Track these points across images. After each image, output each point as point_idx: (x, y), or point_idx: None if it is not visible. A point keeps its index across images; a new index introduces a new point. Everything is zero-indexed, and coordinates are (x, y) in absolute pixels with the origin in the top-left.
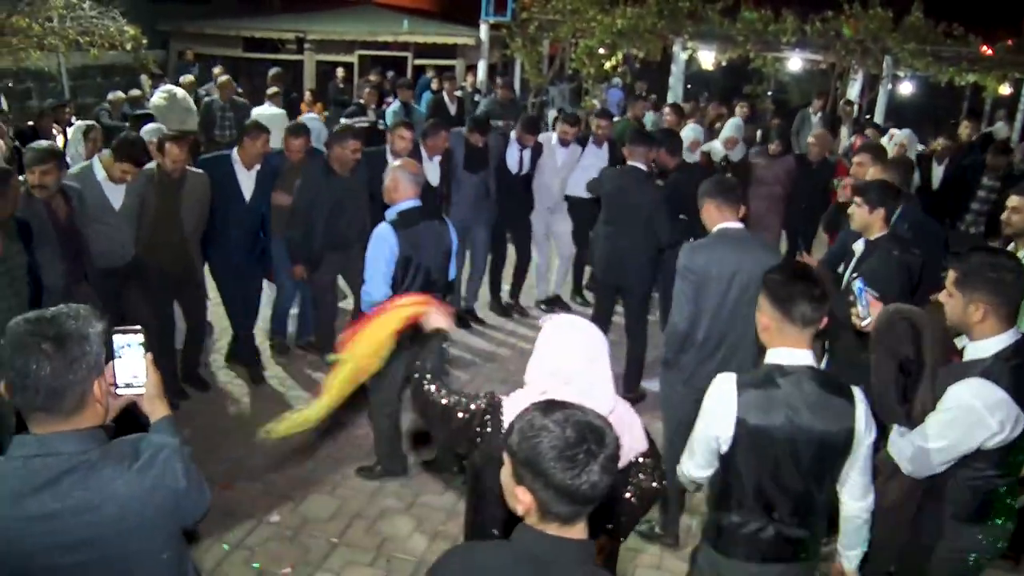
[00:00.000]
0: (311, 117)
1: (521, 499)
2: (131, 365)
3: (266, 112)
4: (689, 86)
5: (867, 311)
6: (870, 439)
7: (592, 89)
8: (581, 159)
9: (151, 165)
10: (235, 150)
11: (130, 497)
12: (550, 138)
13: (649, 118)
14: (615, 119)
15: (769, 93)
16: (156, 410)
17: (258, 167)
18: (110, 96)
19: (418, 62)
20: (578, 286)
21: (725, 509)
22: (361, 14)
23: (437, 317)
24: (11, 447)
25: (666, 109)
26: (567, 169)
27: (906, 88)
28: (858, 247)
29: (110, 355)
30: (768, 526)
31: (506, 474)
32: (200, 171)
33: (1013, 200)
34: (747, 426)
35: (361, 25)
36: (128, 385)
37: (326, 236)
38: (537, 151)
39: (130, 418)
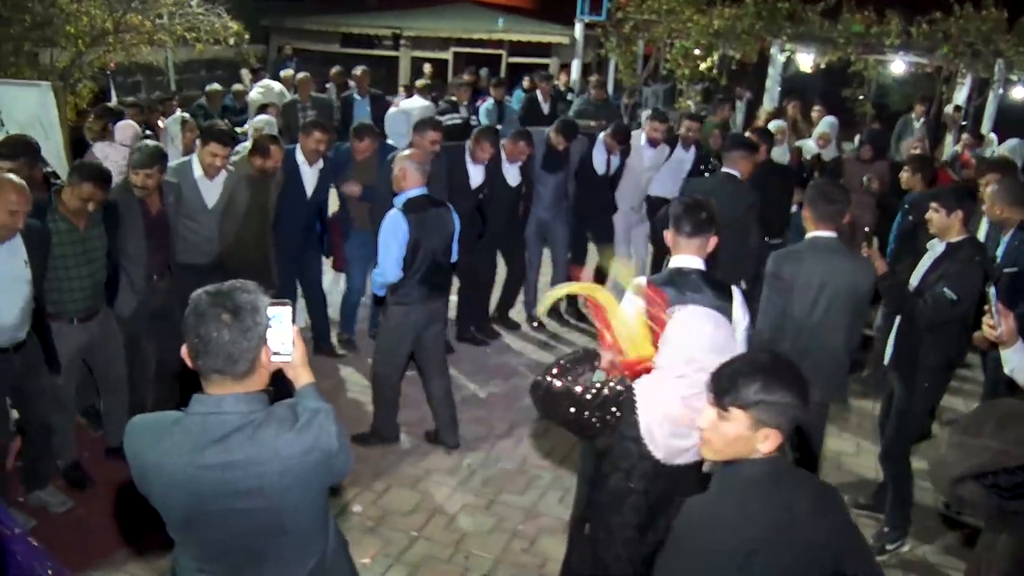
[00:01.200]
0: (398, 110)
1: (770, 439)
2: (281, 334)
3: (416, 105)
4: (778, 88)
5: (999, 320)
6: (744, 323)
7: (686, 90)
8: (668, 160)
9: (234, 158)
10: (298, 146)
11: (290, 455)
12: (639, 137)
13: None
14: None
15: (860, 97)
16: (300, 377)
17: (320, 163)
18: (208, 88)
19: (512, 60)
20: None
21: None
22: (457, 11)
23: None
24: (191, 404)
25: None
26: (654, 169)
27: (1019, 93)
28: (936, 248)
29: None
30: None
31: (742, 426)
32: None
33: None
34: None
35: (457, 22)
36: (277, 353)
37: None
38: (625, 152)
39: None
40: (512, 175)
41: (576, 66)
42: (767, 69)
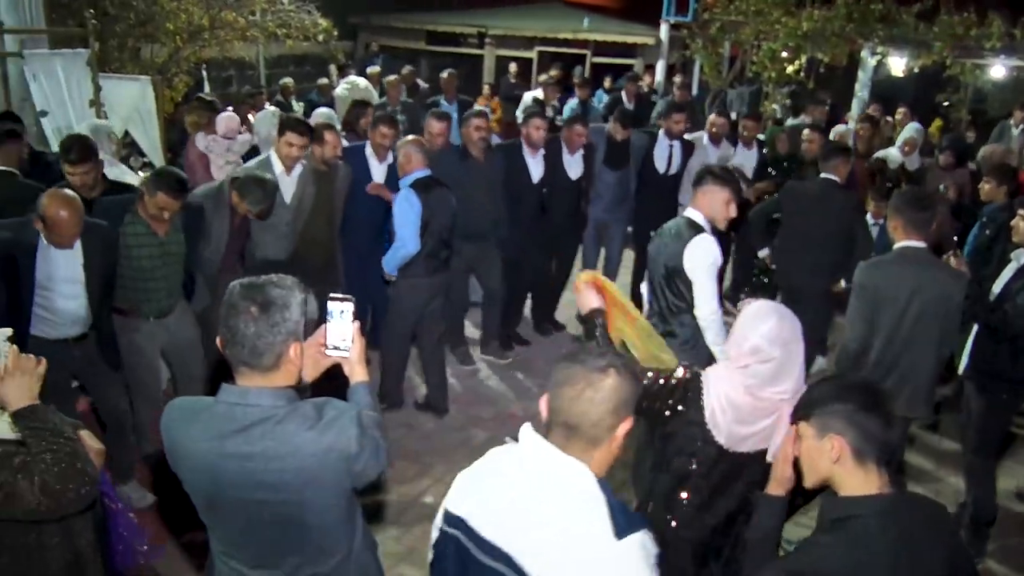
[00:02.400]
0: (480, 110)
1: (833, 449)
2: (341, 330)
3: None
4: (863, 93)
5: None
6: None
7: (772, 93)
8: (733, 158)
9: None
10: (368, 142)
11: (309, 453)
12: (702, 137)
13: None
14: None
15: (947, 103)
16: (356, 374)
17: (389, 159)
18: (281, 82)
19: (596, 60)
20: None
21: None
22: (542, 10)
23: (584, 298)
24: (220, 393)
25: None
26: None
27: None
28: (1020, 257)
29: (322, 319)
30: None
31: (810, 440)
32: (344, 163)
33: None
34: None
35: (542, 21)
36: (336, 348)
37: (464, 221)
38: (688, 150)
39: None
40: (573, 168)
41: (660, 67)
42: (856, 72)
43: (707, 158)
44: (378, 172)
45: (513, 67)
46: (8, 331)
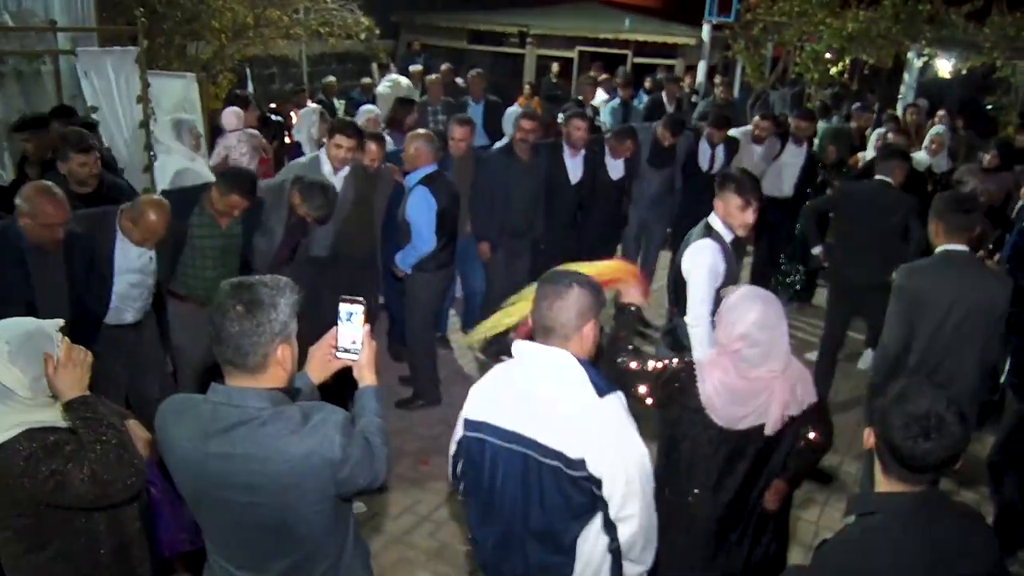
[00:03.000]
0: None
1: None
2: (351, 332)
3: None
4: (909, 96)
5: None
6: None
7: (815, 95)
8: (780, 157)
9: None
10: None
11: (288, 458)
12: (747, 135)
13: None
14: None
15: (988, 106)
16: (365, 378)
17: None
18: (324, 81)
19: (637, 60)
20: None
21: None
22: (584, 10)
23: (633, 291)
24: (209, 392)
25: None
26: (765, 165)
27: None
28: None
29: (333, 321)
30: None
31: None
32: (388, 164)
33: None
34: None
35: (583, 21)
36: (346, 350)
37: (504, 220)
38: (732, 148)
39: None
40: (615, 169)
41: (702, 68)
42: (902, 74)
43: (752, 157)
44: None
45: (554, 67)
46: (60, 322)
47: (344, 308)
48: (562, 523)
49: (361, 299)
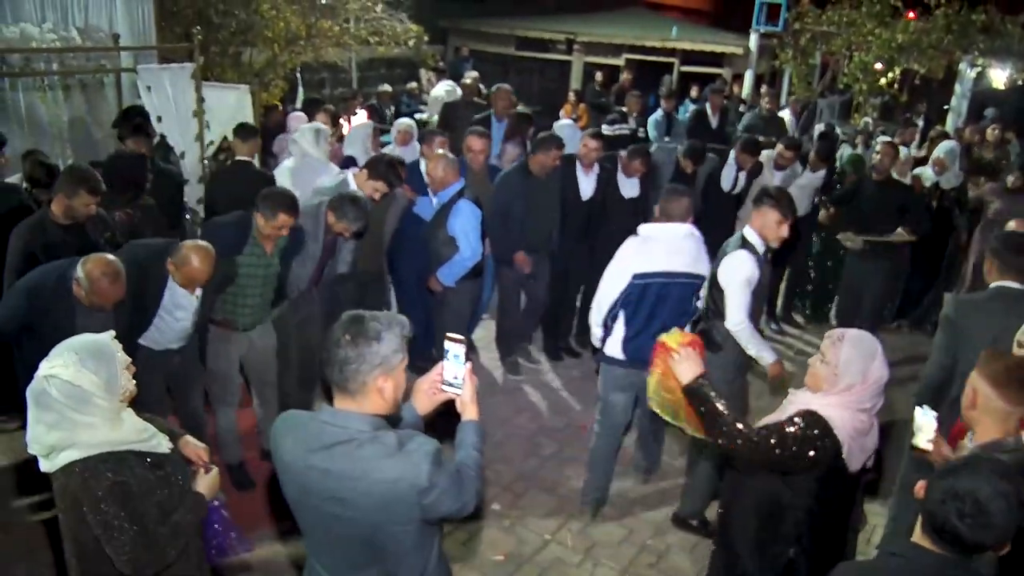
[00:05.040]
0: (566, 123)
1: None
2: (454, 369)
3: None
4: (960, 106)
5: None
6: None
7: (863, 105)
8: (799, 179)
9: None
10: (422, 158)
11: (380, 479)
12: (770, 159)
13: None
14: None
15: None
16: (467, 412)
17: None
18: (379, 89)
19: (684, 69)
20: (772, 311)
21: None
22: (632, 17)
23: (685, 366)
24: (319, 411)
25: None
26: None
27: None
28: None
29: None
30: None
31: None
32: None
33: None
34: None
35: (630, 29)
36: (449, 384)
37: (521, 237)
38: (755, 170)
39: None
40: (628, 188)
41: (749, 77)
42: (953, 84)
43: (774, 179)
44: None
45: (599, 75)
46: (112, 333)
47: (449, 346)
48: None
49: (462, 338)
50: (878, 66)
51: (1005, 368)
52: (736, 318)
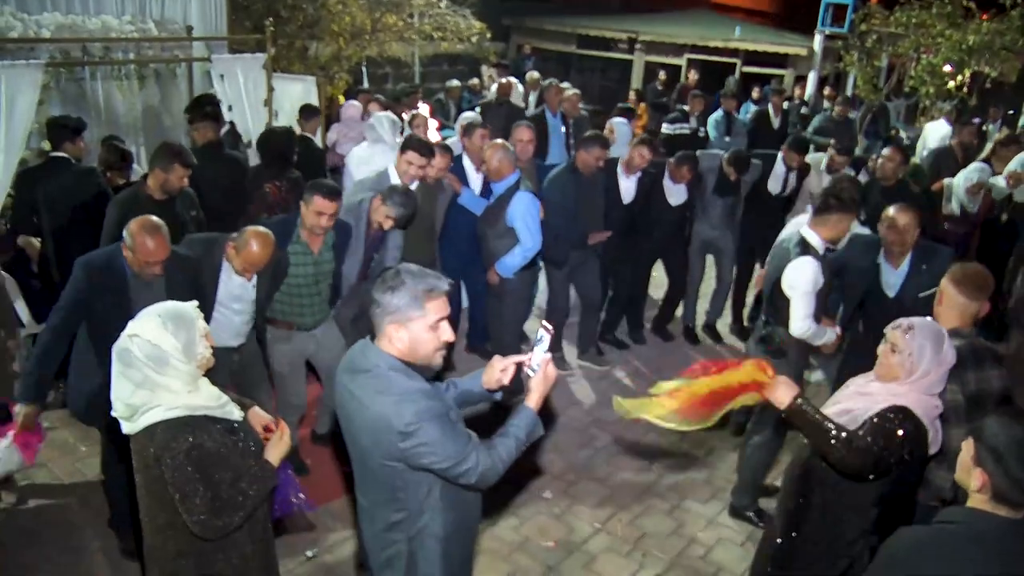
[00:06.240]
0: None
1: (977, 478)
2: (537, 356)
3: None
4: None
5: None
6: None
7: (930, 108)
8: None
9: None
10: (464, 152)
11: (373, 412)
12: (820, 162)
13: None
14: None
15: None
16: (531, 398)
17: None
18: (447, 84)
19: (746, 70)
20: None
21: None
22: (694, 17)
23: (781, 390)
24: (362, 340)
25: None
26: None
27: None
28: None
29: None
30: None
31: (966, 454)
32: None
33: None
34: None
35: (693, 28)
36: (532, 369)
37: (568, 234)
38: (804, 172)
39: None
40: (675, 194)
41: (812, 79)
42: None
43: (821, 182)
44: (476, 181)
45: (662, 74)
46: (195, 303)
47: (540, 333)
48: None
49: (551, 328)
50: (947, 68)
51: (963, 273)
52: (802, 325)
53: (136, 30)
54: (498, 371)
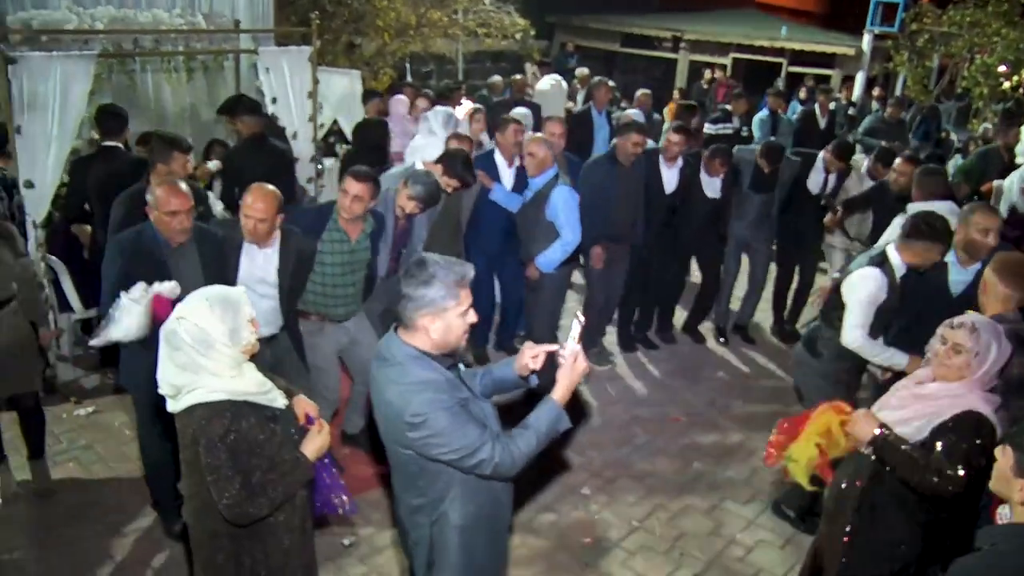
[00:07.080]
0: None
1: (1021, 490)
2: (568, 347)
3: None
4: None
5: None
6: None
7: (983, 110)
8: None
9: None
10: (496, 147)
11: (387, 399)
12: (861, 165)
13: None
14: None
15: None
16: (556, 389)
17: (519, 161)
18: (489, 80)
19: (792, 69)
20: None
21: None
22: (740, 16)
23: (861, 424)
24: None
25: None
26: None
27: None
28: None
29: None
30: None
31: (1005, 464)
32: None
33: None
34: None
35: (738, 27)
36: (562, 358)
37: (605, 225)
38: (845, 174)
39: None
40: (711, 188)
41: (860, 79)
42: None
43: (862, 184)
44: (507, 176)
45: (707, 73)
46: (243, 288)
47: (574, 324)
48: None
49: (583, 321)
50: (1002, 68)
51: (1004, 262)
52: (852, 335)
53: (185, 23)
54: (528, 357)
